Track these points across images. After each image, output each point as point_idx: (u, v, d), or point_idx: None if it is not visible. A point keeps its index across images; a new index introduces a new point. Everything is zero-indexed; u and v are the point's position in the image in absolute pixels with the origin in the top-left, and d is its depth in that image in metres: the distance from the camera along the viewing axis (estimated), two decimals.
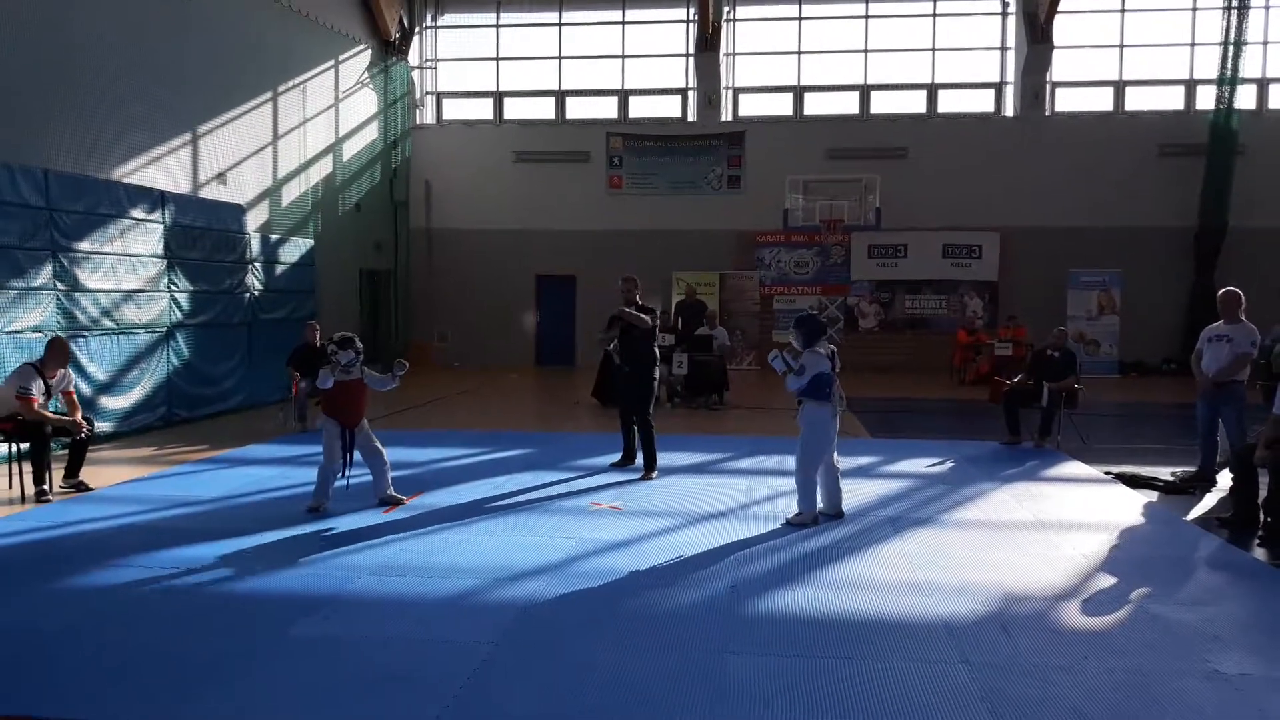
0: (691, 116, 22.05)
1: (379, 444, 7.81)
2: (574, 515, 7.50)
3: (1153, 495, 8.39)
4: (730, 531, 6.99)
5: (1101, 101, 21.22)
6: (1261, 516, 7.04)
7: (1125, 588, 5.73)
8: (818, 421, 7.31)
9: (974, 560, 6.28)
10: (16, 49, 11.23)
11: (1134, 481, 8.81)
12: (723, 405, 14.55)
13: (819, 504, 7.38)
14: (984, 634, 4.94)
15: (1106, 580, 5.89)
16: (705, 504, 7.89)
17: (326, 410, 7.70)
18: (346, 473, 7.68)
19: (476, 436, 11.40)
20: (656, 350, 9.46)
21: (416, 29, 22.34)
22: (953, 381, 18.57)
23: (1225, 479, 8.31)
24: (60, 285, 10.63)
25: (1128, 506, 7.95)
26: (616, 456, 9.53)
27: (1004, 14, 21.53)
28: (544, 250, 21.80)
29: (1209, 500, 8.26)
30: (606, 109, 22.42)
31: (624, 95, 22.36)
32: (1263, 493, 7.10)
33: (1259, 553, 6.57)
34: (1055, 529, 7.15)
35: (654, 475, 8.99)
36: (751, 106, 22.13)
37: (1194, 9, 20.86)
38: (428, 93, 22.81)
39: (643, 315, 9.07)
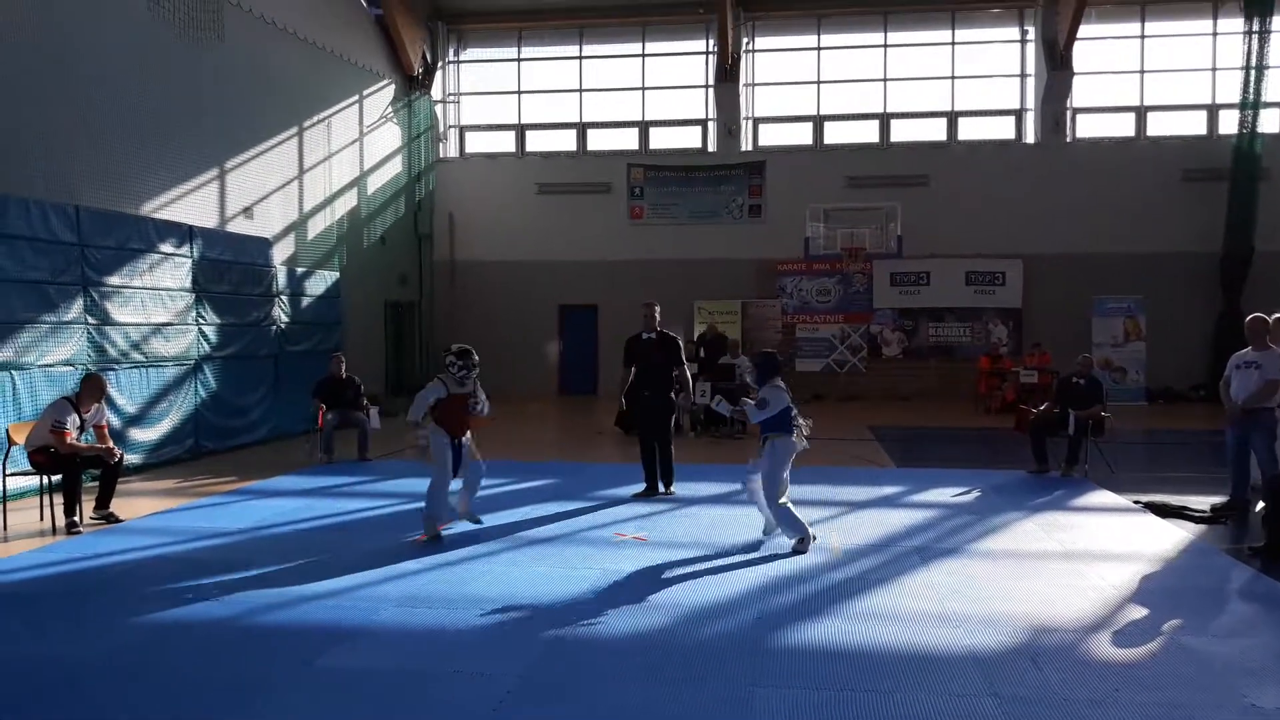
0: (712, 147, 22.19)
1: (478, 454, 8.03)
2: (599, 546, 7.50)
3: (1183, 525, 8.29)
4: (755, 562, 6.97)
5: (1123, 127, 21.20)
6: None
7: (1156, 619, 5.67)
8: (785, 453, 7.45)
9: (1002, 591, 6.23)
10: (48, 87, 11.46)
11: (1164, 511, 8.71)
12: (745, 434, 14.51)
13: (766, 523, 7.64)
14: (1013, 666, 4.89)
15: (1137, 612, 5.82)
16: (729, 535, 7.87)
17: (438, 421, 7.79)
18: (460, 474, 7.86)
19: (501, 466, 11.39)
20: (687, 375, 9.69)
21: (439, 64, 22.63)
22: (977, 410, 18.46)
23: (1258, 508, 8.22)
24: (91, 319, 10.78)
25: (1158, 536, 7.87)
26: (640, 487, 9.52)
27: (1023, 41, 21.59)
28: (566, 280, 21.92)
29: (1241, 530, 8.16)
30: (627, 140, 22.59)
31: (644, 126, 22.53)
32: None
33: None
34: (1084, 559, 7.08)
35: (672, 490, 9.30)
36: (771, 136, 22.25)
37: (1214, 34, 20.85)
38: (451, 126, 23.07)
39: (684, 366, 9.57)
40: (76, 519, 8.11)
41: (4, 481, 8.43)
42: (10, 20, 10.99)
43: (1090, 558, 7.12)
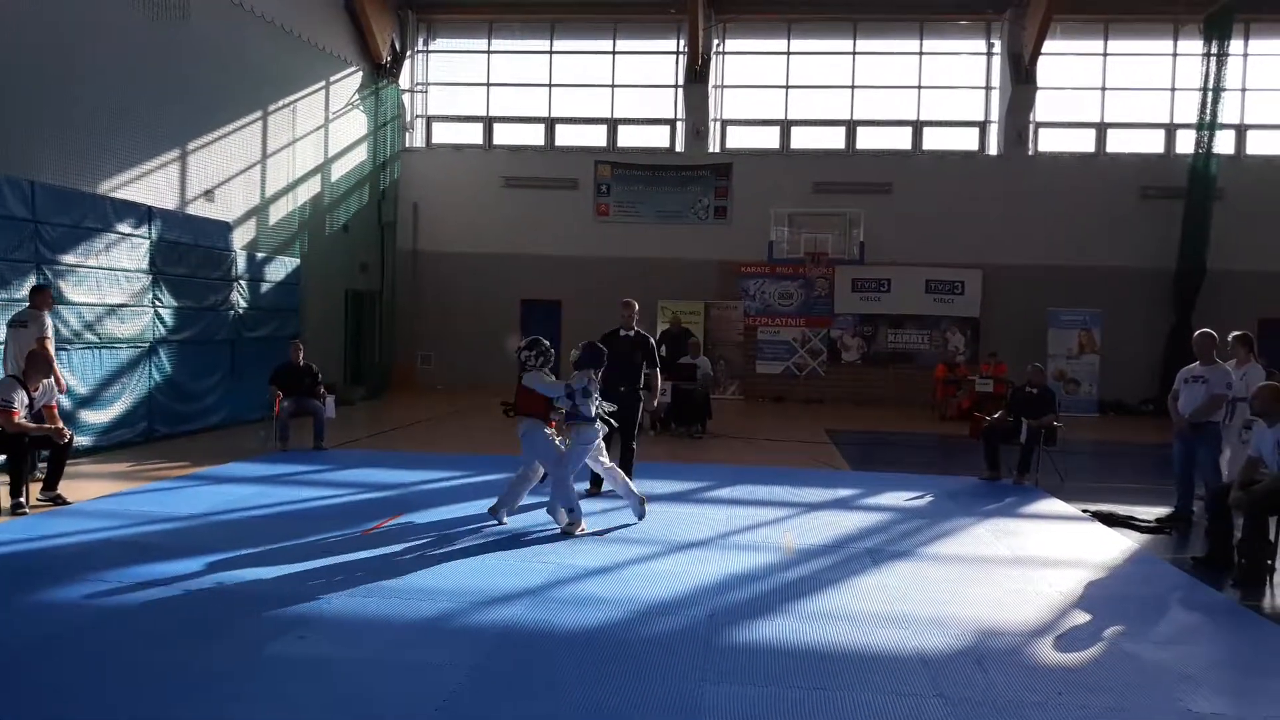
0: (679, 147, 22.23)
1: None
2: (553, 540, 7.50)
3: (1129, 534, 8.45)
4: (709, 560, 7.01)
5: (1084, 143, 21.54)
6: (1235, 557, 7.11)
7: (1100, 625, 5.78)
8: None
9: (951, 594, 6.31)
10: (6, 62, 11.22)
11: (1111, 520, 8.88)
12: (704, 434, 14.59)
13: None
14: (959, 668, 4.97)
15: (1082, 617, 5.93)
16: (686, 532, 7.90)
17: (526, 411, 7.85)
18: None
19: (458, 460, 11.38)
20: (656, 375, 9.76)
21: (408, 52, 22.47)
22: (934, 416, 18.67)
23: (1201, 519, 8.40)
24: None
25: (1104, 545, 8.01)
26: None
27: (989, 54, 21.87)
28: (530, 275, 21.85)
29: (1185, 540, 8.33)
30: (596, 137, 22.57)
31: (613, 124, 22.53)
32: (1237, 534, 7.17)
33: (1232, 593, 6.63)
34: (1032, 565, 7.20)
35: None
36: (739, 138, 22.34)
37: (1174, 54, 21.26)
38: (418, 116, 22.91)
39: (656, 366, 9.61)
40: (23, 500, 7.97)
41: None
42: None
43: (1038, 564, 7.24)
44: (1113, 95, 21.52)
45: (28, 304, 9.41)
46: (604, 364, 8.06)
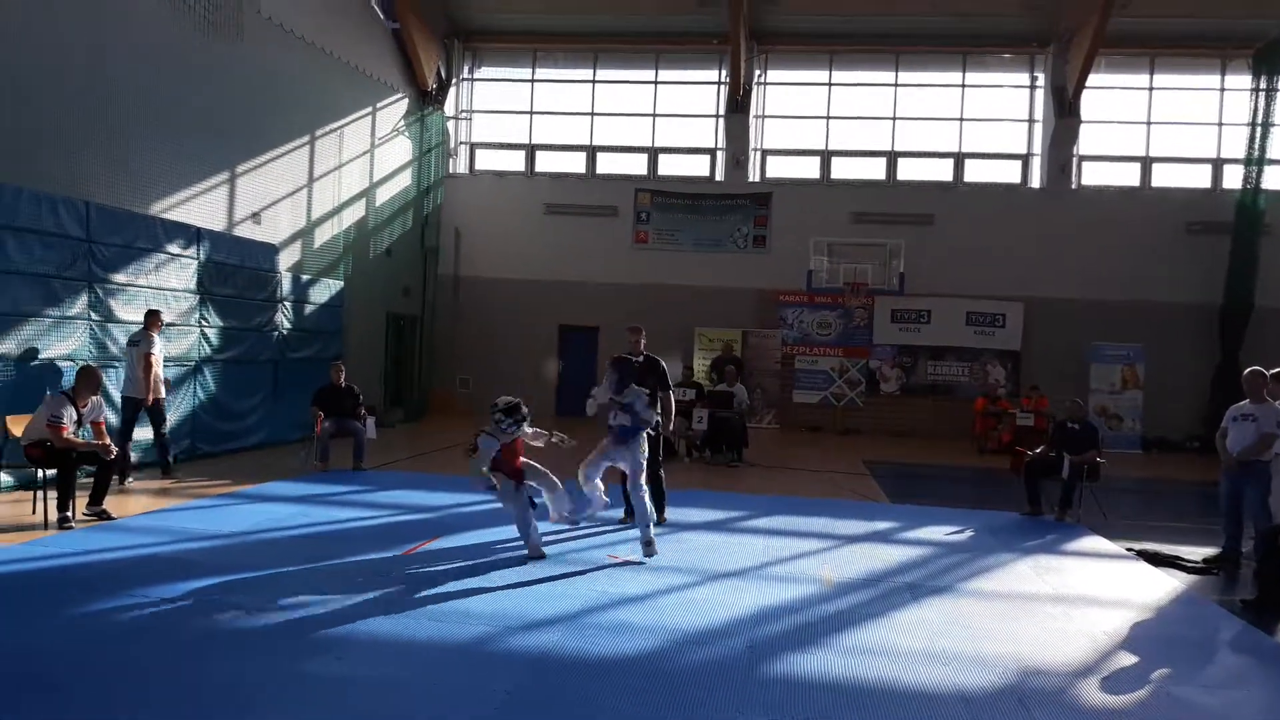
0: (719, 176, 22.29)
1: (542, 470, 8.07)
2: (591, 567, 7.49)
3: (1175, 574, 8.29)
4: (747, 591, 6.96)
5: (1129, 177, 21.33)
6: None
7: (1146, 667, 5.67)
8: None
9: (992, 631, 6.22)
10: (65, 85, 11.51)
11: (1156, 559, 8.71)
12: (741, 462, 14.53)
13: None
14: (1001, 707, 4.89)
15: (1127, 659, 5.82)
16: (722, 562, 7.86)
17: (497, 467, 7.70)
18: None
19: None
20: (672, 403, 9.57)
21: (453, 80, 22.76)
22: (973, 449, 18.46)
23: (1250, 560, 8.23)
24: (94, 316, 10.81)
25: (1149, 584, 7.87)
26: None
27: (1032, 87, 21.77)
28: (568, 301, 21.95)
29: (1233, 582, 8.16)
30: (636, 165, 22.71)
31: (654, 153, 22.65)
32: None
33: None
34: (1075, 603, 7.08)
35: (663, 519, 9.17)
36: (779, 168, 22.37)
37: (1222, 89, 21.04)
38: (462, 142, 23.18)
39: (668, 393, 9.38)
40: (69, 514, 8.10)
41: None
42: (29, 18, 11.06)
43: (1081, 602, 7.12)
44: (1158, 129, 21.31)
45: (142, 326, 10.84)
46: (629, 379, 8.22)
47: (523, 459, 7.95)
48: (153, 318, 10.94)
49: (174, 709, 4.39)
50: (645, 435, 8.18)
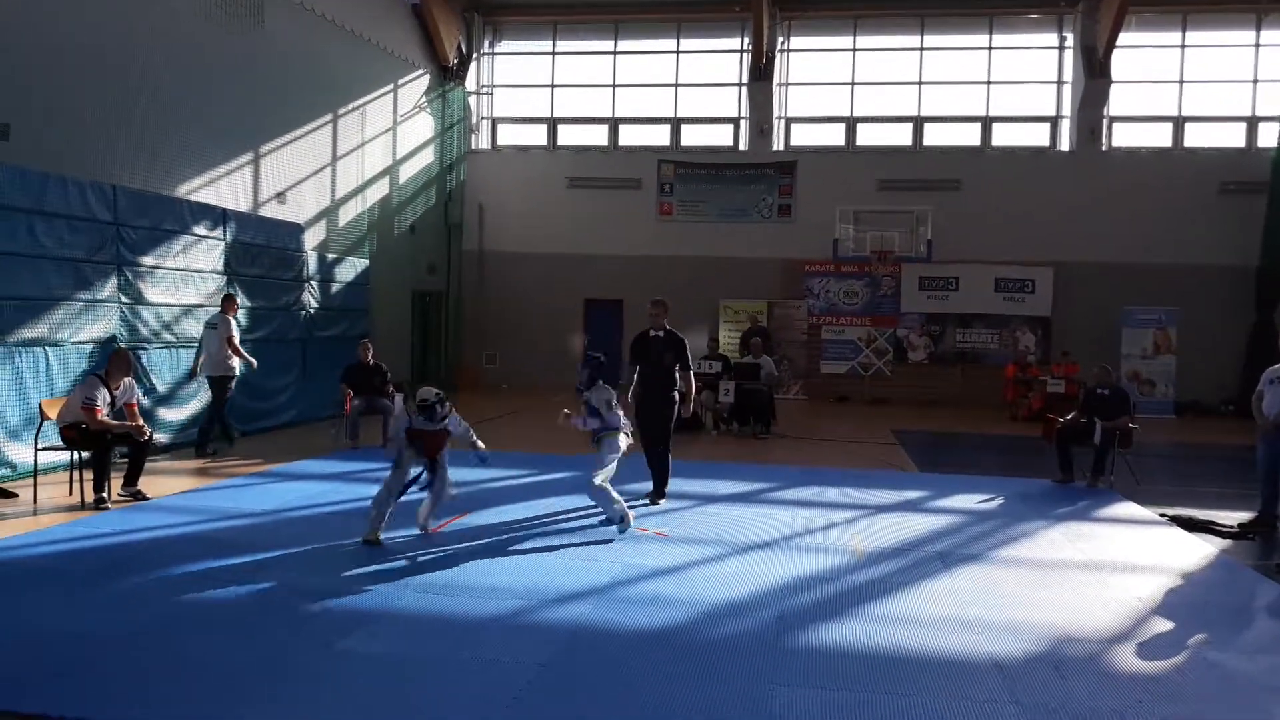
0: (743, 145, 22.13)
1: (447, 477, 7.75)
2: (619, 540, 7.50)
3: (1210, 539, 8.21)
4: (776, 562, 6.95)
5: (1160, 137, 20.96)
6: None
7: (1181, 633, 5.62)
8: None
9: (1025, 599, 6.19)
10: (89, 69, 11.58)
11: (1190, 524, 8.63)
12: (769, 434, 14.50)
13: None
14: (1035, 674, 4.86)
15: (1162, 624, 5.77)
16: (751, 533, 7.85)
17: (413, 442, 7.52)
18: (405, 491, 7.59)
19: (522, 458, 11.45)
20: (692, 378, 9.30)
21: (474, 55, 22.69)
22: (1003, 417, 18.33)
23: None
24: (124, 298, 10.90)
25: (1183, 550, 7.79)
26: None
27: (1060, 48, 21.40)
28: (593, 275, 21.93)
29: (1269, 546, 8.07)
30: (659, 137, 22.58)
31: (676, 123, 22.51)
32: None
33: None
34: (1108, 570, 7.02)
35: (661, 502, 8.90)
36: (803, 136, 22.17)
37: (1257, 45, 20.60)
38: (483, 118, 23.13)
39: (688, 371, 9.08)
40: (105, 495, 8.21)
41: (36, 456, 8.54)
42: (56, 5, 11.10)
43: (1114, 569, 7.07)
44: (1191, 88, 20.91)
45: (219, 309, 11.72)
46: (604, 372, 8.05)
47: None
48: (229, 302, 11.84)
49: (213, 686, 4.44)
50: (620, 435, 7.91)
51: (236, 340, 11.56)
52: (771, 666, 4.87)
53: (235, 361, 11.60)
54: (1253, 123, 20.63)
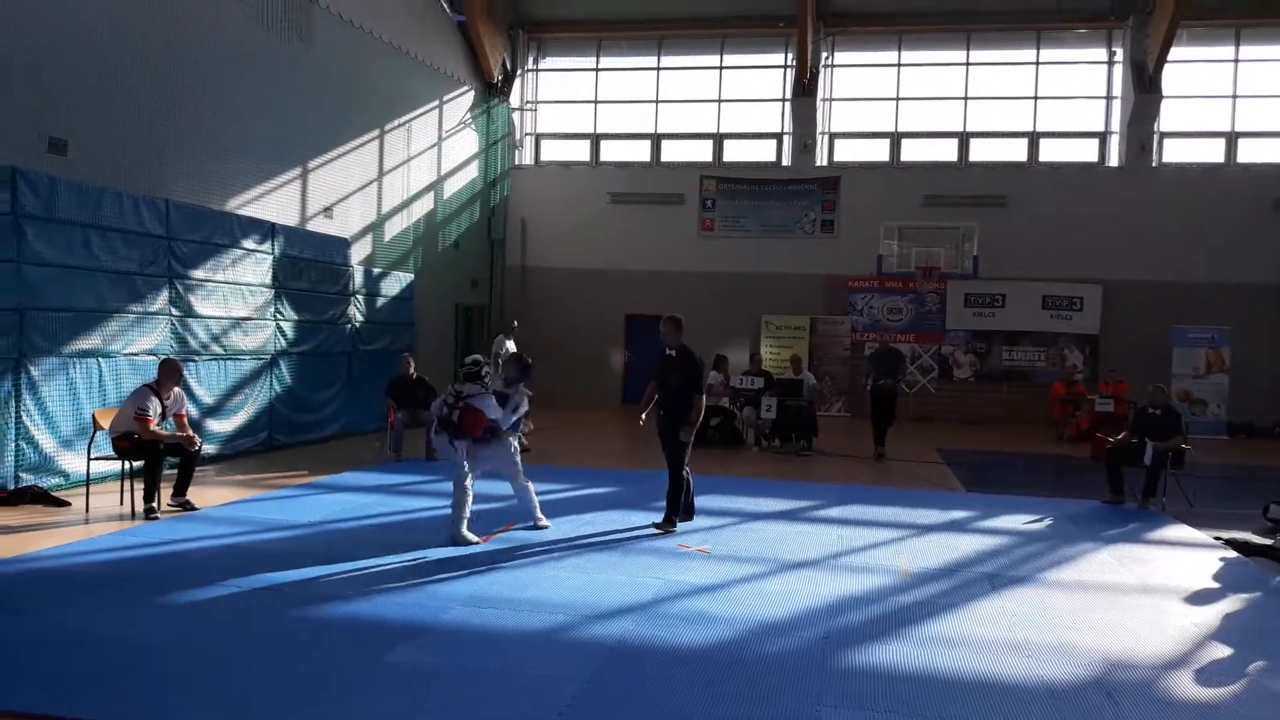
0: (786, 161, 22.08)
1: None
2: (662, 556, 7.48)
3: (1267, 563, 8.00)
4: (821, 580, 6.89)
5: (1212, 153, 20.62)
6: None
7: (1239, 660, 5.48)
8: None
9: (1075, 622, 6.07)
10: (142, 86, 11.81)
11: (1246, 548, 8.42)
12: (811, 451, 14.40)
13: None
14: (1088, 699, 4.76)
15: (1218, 650, 5.63)
16: (795, 551, 7.79)
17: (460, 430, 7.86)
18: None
19: (564, 472, 11.46)
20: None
21: (519, 71, 22.88)
22: (1050, 436, 18.06)
23: None
24: (175, 311, 11.08)
25: (1239, 574, 7.61)
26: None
27: (1110, 63, 21.16)
28: (635, 290, 21.95)
29: None
30: (701, 152, 22.60)
31: (719, 139, 22.52)
32: None
33: None
34: (1161, 594, 6.87)
35: (670, 530, 8.29)
36: (847, 152, 22.08)
37: None
38: (527, 134, 23.30)
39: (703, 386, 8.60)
40: (155, 505, 8.33)
41: (89, 466, 8.69)
42: (104, 20, 11.36)
43: (1168, 592, 6.91)
44: (1244, 103, 20.56)
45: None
46: (527, 376, 8.35)
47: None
48: (511, 329, 13.79)
49: (261, 696, 4.47)
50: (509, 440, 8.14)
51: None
52: (818, 686, 4.82)
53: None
54: None
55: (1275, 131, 20.41)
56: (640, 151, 22.90)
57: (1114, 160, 20.93)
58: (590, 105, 23.15)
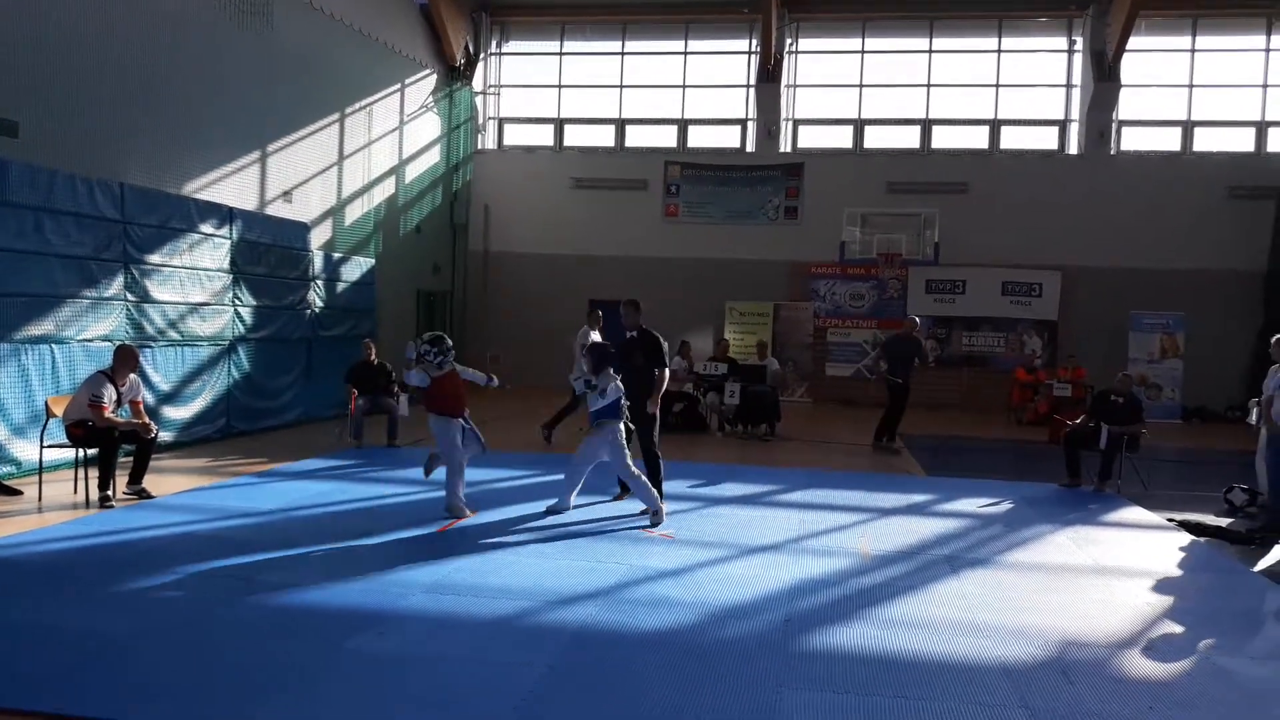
0: (750, 147, 22.09)
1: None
2: (625, 541, 7.48)
3: (1219, 544, 8.16)
4: (782, 564, 6.92)
5: (1169, 141, 20.90)
6: None
7: (1191, 638, 5.58)
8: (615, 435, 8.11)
9: (1032, 603, 6.16)
10: (96, 67, 11.54)
11: (1199, 529, 8.59)
12: (774, 436, 14.46)
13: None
14: (1044, 679, 4.83)
15: (1171, 629, 5.74)
16: (757, 535, 7.82)
17: (433, 408, 8.12)
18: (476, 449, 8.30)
19: (528, 458, 11.44)
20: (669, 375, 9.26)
21: (482, 55, 22.69)
22: (1009, 421, 18.28)
23: None
24: (130, 296, 10.90)
25: (1192, 555, 7.76)
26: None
27: (1070, 51, 21.35)
28: (598, 276, 21.85)
29: (1278, 551, 8.02)
30: (665, 138, 22.55)
31: (683, 125, 22.49)
32: None
33: None
34: (1116, 575, 6.99)
35: (658, 518, 8.18)
36: (811, 138, 22.12)
37: (1267, 50, 20.52)
38: (490, 118, 23.12)
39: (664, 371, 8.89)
40: (109, 493, 8.20)
41: (41, 453, 8.54)
42: (64, 3, 11.10)
43: (1122, 574, 7.03)
44: (1200, 92, 20.85)
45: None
46: (612, 362, 8.29)
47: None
48: (593, 317, 13.69)
49: (221, 685, 4.42)
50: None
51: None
52: (779, 669, 4.84)
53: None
54: (1262, 127, 20.55)
55: (1230, 120, 20.72)
56: (604, 137, 22.81)
57: (1073, 148, 21.15)
58: (554, 90, 23.00)
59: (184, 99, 13.00)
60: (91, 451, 8.36)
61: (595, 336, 12.12)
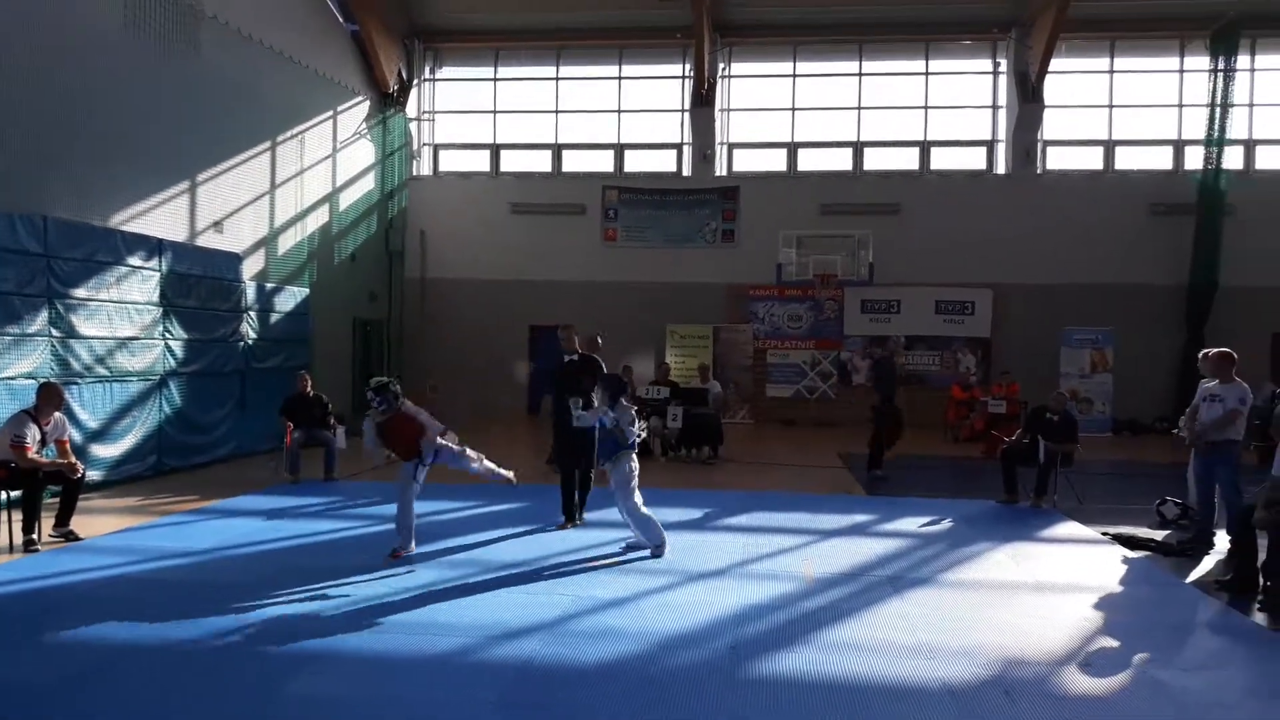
0: (686, 171, 22.24)
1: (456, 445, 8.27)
2: (568, 571, 7.42)
3: (1151, 557, 8.34)
4: (728, 590, 6.92)
5: (1092, 160, 21.50)
6: (1261, 580, 7.01)
7: (1126, 652, 5.69)
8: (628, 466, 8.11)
9: (974, 622, 6.23)
10: (18, 99, 11.26)
11: (1131, 543, 8.77)
12: (717, 459, 14.50)
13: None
14: (986, 698, 4.88)
15: (1107, 644, 5.84)
16: (701, 561, 7.82)
17: (390, 448, 8.13)
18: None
19: (467, 489, 11.29)
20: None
21: (415, 81, 22.57)
22: (946, 438, 18.54)
23: (1223, 541, 8.28)
24: (55, 332, 10.59)
25: (1125, 569, 7.91)
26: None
27: (995, 73, 21.87)
28: (538, 301, 21.81)
29: (1207, 563, 8.22)
30: (603, 163, 22.61)
31: (620, 149, 22.57)
32: (1261, 555, 7.07)
33: (1259, 617, 6.53)
34: (1054, 591, 7.10)
35: (582, 520, 9.16)
36: (746, 161, 22.36)
37: (1181, 71, 21.23)
38: (425, 144, 22.99)
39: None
40: (35, 536, 7.93)
41: None
42: None
43: (1060, 589, 7.15)
44: (1120, 112, 21.49)
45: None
46: (624, 391, 8.33)
47: (438, 440, 8.08)
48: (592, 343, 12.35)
49: None
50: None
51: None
52: (728, 697, 4.83)
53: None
54: (1179, 146, 21.23)
55: (1149, 140, 21.37)
56: (541, 162, 22.81)
57: (1001, 168, 21.64)
58: (489, 115, 22.96)
59: (110, 130, 12.72)
60: (15, 494, 8.11)
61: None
